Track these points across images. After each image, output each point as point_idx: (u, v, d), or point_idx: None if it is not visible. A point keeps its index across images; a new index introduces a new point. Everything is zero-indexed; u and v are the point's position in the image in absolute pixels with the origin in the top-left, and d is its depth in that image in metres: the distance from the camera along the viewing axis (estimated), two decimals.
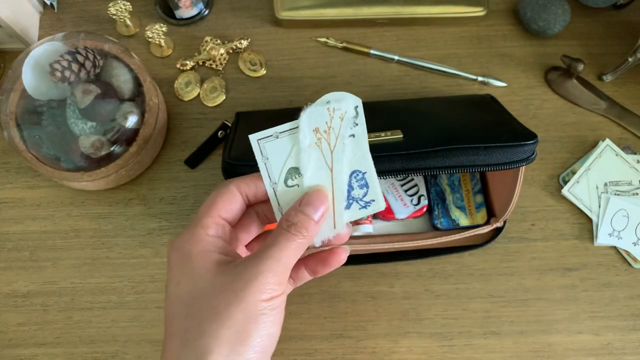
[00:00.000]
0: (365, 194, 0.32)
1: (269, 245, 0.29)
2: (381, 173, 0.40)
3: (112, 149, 0.48)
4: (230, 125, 0.53)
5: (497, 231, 0.48)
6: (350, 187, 0.31)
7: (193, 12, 0.57)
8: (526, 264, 0.50)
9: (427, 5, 0.55)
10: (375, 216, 0.49)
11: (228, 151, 0.42)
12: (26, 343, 0.49)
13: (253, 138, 0.31)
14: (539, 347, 0.48)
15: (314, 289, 0.49)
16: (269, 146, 0.31)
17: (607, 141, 0.52)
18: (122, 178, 0.50)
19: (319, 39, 0.57)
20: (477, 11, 0.56)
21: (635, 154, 0.53)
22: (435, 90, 0.55)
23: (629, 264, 0.50)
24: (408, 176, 0.49)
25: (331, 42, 0.56)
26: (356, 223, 0.48)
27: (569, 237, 0.51)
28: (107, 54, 0.49)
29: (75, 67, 0.46)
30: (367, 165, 0.32)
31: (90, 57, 0.47)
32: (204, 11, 0.57)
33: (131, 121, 0.48)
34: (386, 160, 0.40)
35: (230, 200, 0.31)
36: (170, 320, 0.28)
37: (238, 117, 0.49)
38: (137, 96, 0.49)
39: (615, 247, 0.50)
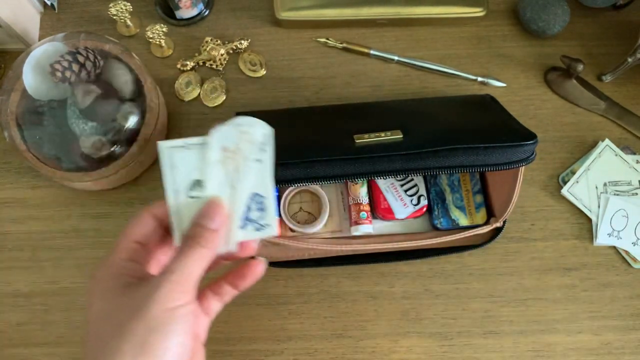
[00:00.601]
0: (261, 217, 0.33)
1: (171, 260, 0.30)
2: (381, 173, 0.41)
3: (112, 149, 0.48)
4: None
5: (497, 231, 0.48)
6: (248, 209, 0.33)
7: (193, 12, 0.57)
8: (526, 264, 0.50)
9: (427, 5, 0.55)
10: (375, 216, 0.49)
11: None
12: (27, 343, 0.49)
13: (161, 145, 0.32)
14: (539, 346, 0.48)
15: (314, 289, 0.49)
16: (178, 155, 0.32)
17: (607, 141, 0.52)
18: (123, 178, 0.50)
19: (318, 39, 0.57)
20: (476, 11, 0.56)
21: (634, 154, 0.53)
22: (435, 90, 0.55)
23: (629, 264, 0.50)
24: (408, 176, 0.49)
25: (331, 42, 0.56)
26: (356, 223, 0.48)
27: (568, 237, 0.51)
28: (108, 54, 0.49)
29: (75, 67, 0.46)
30: (268, 190, 0.33)
31: (91, 57, 0.47)
32: (204, 12, 0.58)
33: (132, 121, 0.48)
34: (386, 160, 0.40)
35: (141, 224, 0.32)
36: (85, 341, 0.30)
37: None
38: (138, 96, 0.49)
39: (614, 247, 0.50)
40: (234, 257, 0.34)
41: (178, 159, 0.32)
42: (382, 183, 0.49)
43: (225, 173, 0.32)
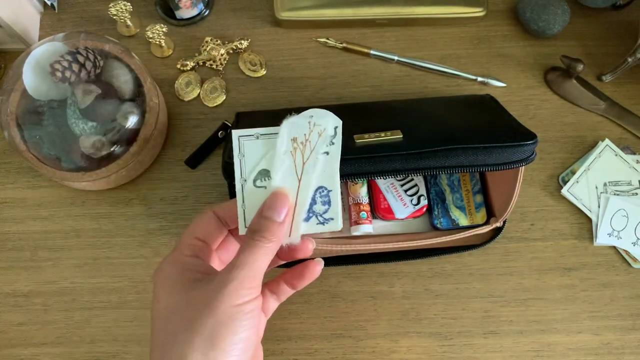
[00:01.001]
0: (326, 211, 0.33)
1: (238, 255, 0.30)
2: (381, 173, 0.41)
3: (112, 149, 0.48)
4: (230, 125, 0.53)
5: (497, 231, 0.48)
6: (314, 201, 0.33)
7: (193, 12, 0.57)
8: (526, 263, 0.50)
9: (426, 5, 0.56)
10: (375, 216, 0.49)
11: (228, 151, 0.42)
12: (27, 343, 0.49)
13: (235, 134, 0.32)
14: (539, 346, 0.48)
15: (314, 289, 0.49)
16: (247, 145, 0.32)
17: (607, 141, 0.52)
18: (123, 178, 0.50)
19: (319, 39, 0.57)
20: (476, 11, 0.56)
21: (634, 154, 0.53)
22: (434, 90, 0.55)
23: (629, 264, 0.50)
24: (408, 176, 0.49)
25: (331, 42, 0.56)
26: (356, 223, 0.48)
27: (568, 237, 0.51)
28: (108, 54, 0.49)
29: (75, 67, 0.46)
30: (334, 184, 0.33)
31: (91, 57, 0.47)
32: (204, 11, 0.58)
33: (131, 121, 0.48)
34: (386, 160, 0.40)
35: (205, 223, 0.33)
36: (152, 335, 0.30)
37: (238, 117, 0.50)
38: (138, 96, 0.49)
39: (614, 247, 0.50)
40: (291, 257, 0.34)
41: (248, 148, 0.32)
42: (382, 183, 0.49)
43: (293, 164, 0.32)
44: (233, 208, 0.33)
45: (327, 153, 0.32)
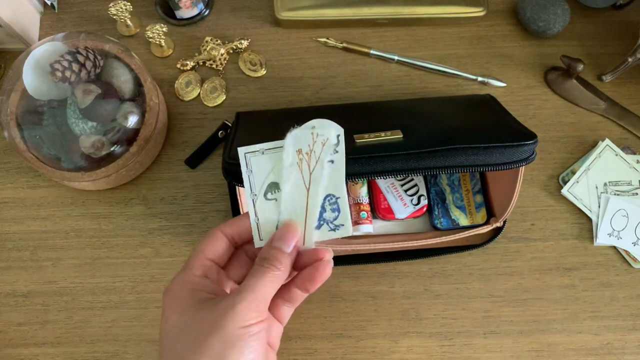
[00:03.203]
0: (335, 218, 0.34)
1: (247, 279, 0.31)
2: (381, 173, 0.41)
3: (112, 149, 0.48)
4: (230, 125, 0.53)
5: (497, 231, 0.48)
6: (323, 209, 0.34)
7: (193, 12, 0.57)
8: (526, 263, 0.50)
9: (426, 5, 0.55)
10: (375, 216, 0.49)
11: (228, 151, 0.42)
12: (27, 343, 0.49)
13: (241, 151, 0.33)
14: (539, 346, 0.48)
15: None
16: (254, 160, 0.33)
17: (607, 141, 0.52)
18: (123, 178, 0.50)
19: (319, 39, 0.57)
20: (476, 11, 0.56)
21: (634, 154, 0.53)
22: (435, 90, 0.55)
23: (629, 264, 0.50)
24: (408, 176, 0.49)
25: (331, 42, 0.56)
26: (356, 223, 0.48)
27: (568, 237, 0.51)
28: (108, 54, 0.49)
29: (75, 67, 0.46)
30: (341, 191, 0.34)
31: (91, 57, 0.47)
32: (204, 11, 0.58)
33: (132, 121, 0.48)
34: (386, 160, 0.40)
35: (214, 242, 0.34)
36: (161, 355, 0.31)
37: (238, 117, 0.50)
38: (138, 96, 0.49)
39: (614, 247, 0.50)
40: (303, 266, 0.34)
41: (255, 163, 0.33)
42: (382, 183, 0.49)
43: (301, 175, 0.33)
44: (241, 225, 0.35)
45: (332, 161, 0.33)
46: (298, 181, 0.33)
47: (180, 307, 0.31)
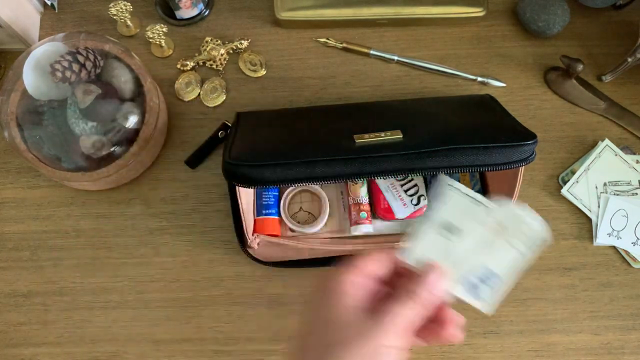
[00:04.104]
0: (484, 291, 0.34)
1: (397, 304, 0.32)
2: (381, 173, 0.41)
3: (112, 149, 0.48)
4: (230, 125, 0.53)
5: None
6: (480, 280, 0.34)
7: (193, 12, 0.57)
8: None
9: (426, 5, 0.56)
10: (375, 216, 0.49)
11: (228, 151, 0.42)
12: (27, 342, 0.49)
13: (444, 179, 0.34)
14: (539, 346, 0.48)
15: None
16: (455, 196, 0.34)
17: (607, 141, 0.52)
18: (123, 178, 0.50)
19: (319, 39, 0.57)
20: (476, 12, 0.56)
21: (634, 154, 0.53)
22: (434, 90, 0.55)
23: (628, 264, 0.50)
24: (408, 176, 0.49)
25: (331, 42, 0.56)
26: (356, 223, 0.48)
27: (568, 237, 0.51)
28: (108, 54, 0.49)
29: (76, 67, 0.46)
30: (508, 279, 0.34)
31: (91, 57, 0.47)
32: (205, 12, 0.58)
33: (132, 121, 0.48)
34: (386, 160, 0.40)
35: (381, 261, 0.35)
36: (305, 334, 0.33)
37: (238, 117, 0.50)
38: (138, 96, 0.49)
39: (614, 247, 0.50)
40: (434, 335, 0.35)
41: (453, 199, 0.33)
42: (382, 183, 0.49)
43: (483, 238, 0.33)
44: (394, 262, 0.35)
45: (520, 252, 0.33)
46: (477, 241, 0.33)
47: (336, 301, 0.32)
